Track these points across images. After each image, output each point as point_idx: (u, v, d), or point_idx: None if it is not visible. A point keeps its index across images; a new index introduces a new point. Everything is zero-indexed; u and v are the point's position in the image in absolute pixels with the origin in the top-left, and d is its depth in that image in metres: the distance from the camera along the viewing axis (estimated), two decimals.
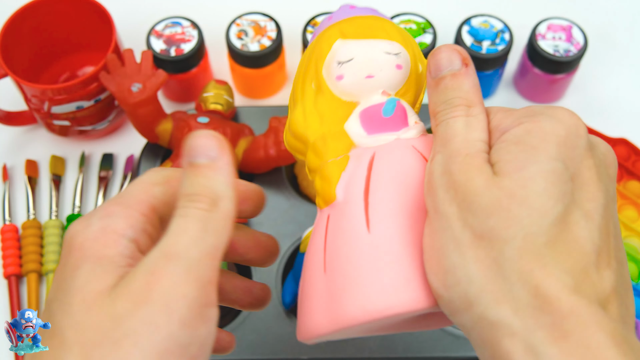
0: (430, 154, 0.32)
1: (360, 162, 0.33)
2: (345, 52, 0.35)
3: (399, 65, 0.35)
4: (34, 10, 0.66)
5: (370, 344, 0.56)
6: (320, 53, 0.36)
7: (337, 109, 0.35)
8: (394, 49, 0.35)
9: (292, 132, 0.36)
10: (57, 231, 0.64)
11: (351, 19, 0.36)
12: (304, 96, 0.36)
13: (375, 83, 0.35)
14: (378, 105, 0.34)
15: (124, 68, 0.62)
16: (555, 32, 0.68)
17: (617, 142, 0.68)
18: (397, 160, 0.33)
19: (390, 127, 0.34)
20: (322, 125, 0.35)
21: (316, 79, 0.36)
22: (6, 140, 0.71)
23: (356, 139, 0.34)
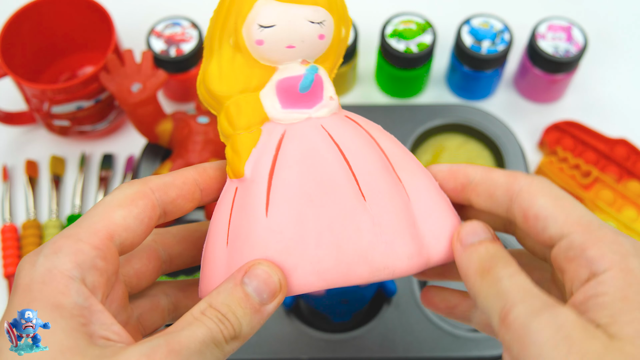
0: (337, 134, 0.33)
1: (270, 140, 0.33)
2: (268, 16, 0.34)
3: (322, 35, 0.35)
4: (34, 10, 0.66)
5: (370, 344, 0.56)
6: (241, 9, 0.34)
7: (255, 72, 0.34)
8: (318, 17, 0.34)
9: (206, 87, 0.35)
10: (57, 231, 0.64)
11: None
12: (221, 50, 0.35)
13: (295, 53, 0.34)
14: (295, 78, 0.34)
15: (124, 68, 0.62)
16: (555, 32, 0.68)
17: (617, 142, 0.68)
18: (304, 143, 0.33)
19: (304, 103, 0.34)
20: (238, 86, 0.34)
21: (235, 36, 0.35)
22: (6, 140, 0.71)
23: (270, 112, 0.34)
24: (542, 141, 0.69)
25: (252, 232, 0.32)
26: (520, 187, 0.32)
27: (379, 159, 0.34)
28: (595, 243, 0.29)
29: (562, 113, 0.72)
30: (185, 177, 0.34)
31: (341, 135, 0.34)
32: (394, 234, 0.32)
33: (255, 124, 0.34)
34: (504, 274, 0.30)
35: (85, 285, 0.29)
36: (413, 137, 0.66)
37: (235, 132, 0.34)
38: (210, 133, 0.61)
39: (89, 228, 0.31)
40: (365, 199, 0.32)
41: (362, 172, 0.33)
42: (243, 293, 0.31)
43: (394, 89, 0.73)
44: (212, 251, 0.34)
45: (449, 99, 0.74)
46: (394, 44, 0.67)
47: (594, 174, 0.66)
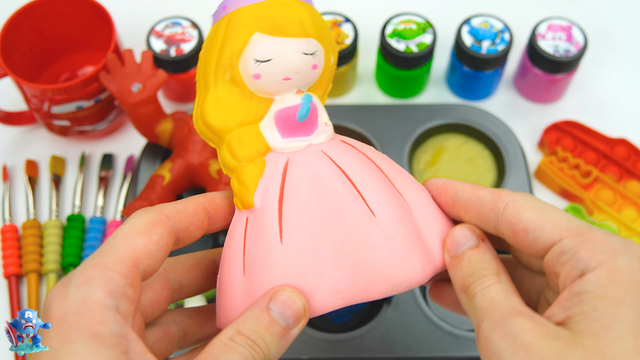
0: (338, 157, 0.35)
1: (275, 169, 0.35)
2: (264, 50, 0.35)
3: (315, 65, 0.36)
4: (34, 10, 0.66)
5: (370, 344, 0.56)
6: (236, 45, 0.35)
7: (252, 105, 0.36)
8: (310, 48, 0.36)
9: (204, 122, 0.36)
10: (57, 231, 0.64)
11: (268, 5, 0.36)
12: (217, 84, 0.36)
13: (291, 84, 0.36)
14: (293, 108, 0.36)
15: (124, 68, 0.62)
16: (555, 32, 0.68)
17: (617, 142, 0.68)
18: (308, 169, 0.35)
19: (303, 131, 0.36)
20: (236, 119, 0.36)
21: (231, 71, 0.36)
22: (6, 140, 0.71)
23: (271, 142, 0.36)
24: (542, 141, 0.69)
25: (269, 259, 0.33)
26: (505, 204, 0.33)
27: (379, 177, 0.35)
28: (586, 244, 0.30)
29: (562, 113, 0.72)
30: (196, 204, 0.35)
31: (342, 158, 0.35)
32: (406, 247, 0.33)
33: (259, 155, 0.35)
34: (478, 289, 0.32)
35: (120, 313, 0.30)
36: (413, 137, 0.66)
37: (239, 165, 0.35)
38: None
39: (115, 256, 0.31)
40: (374, 215, 0.33)
41: (367, 190, 0.34)
42: (269, 319, 0.32)
43: (394, 89, 0.73)
44: (228, 280, 0.34)
45: (449, 99, 0.74)
46: (394, 44, 0.67)
47: (594, 174, 0.66)
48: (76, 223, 0.64)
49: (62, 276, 0.63)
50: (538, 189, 0.68)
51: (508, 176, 0.64)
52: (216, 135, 0.36)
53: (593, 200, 0.65)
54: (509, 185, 0.64)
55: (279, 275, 0.33)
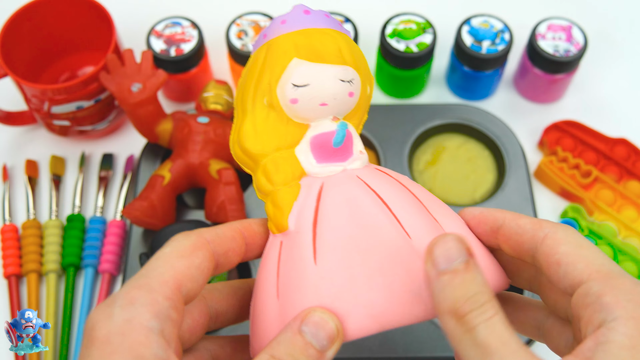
0: (373, 182, 0.34)
1: (310, 192, 0.35)
2: (302, 76, 0.36)
3: (351, 93, 0.37)
4: (34, 10, 0.66)
5: (370, 344, 0.56)
6: (274, 70, 0.36)
7: (289, 130, 0.36)
8: (347, 76, 0.37)
9: (241, 146, 0.37)
10: (57, 231, 0.64)
11: (307, 33, 0.37)
12: (255, 109, 0.37)
13: (327, 110, 0.37)
14: (328, 134, 0.36)
15: (124, 68, 0.62)
16: (555, 32, 0.68)
17: (617, 142, 0.68)
18: (343, 192, 0.35)
19: (338, 157, 0.36)
20: (273, 144, 0.36)
21: (269, 95, 0.36)
22: (6, 140, 0.71)
23: (307, 167, 0.36)
24: (542, 141, 0.69)
25: (302, 281, 0.33)
26: (545, 234, 0.32)
27: (414, 201, 0.35)
28: (611, 290, 0.29)
29: (562, 113, 0.72)
30: (234, 230, 0.35)
31: (376, 183, 0.35)
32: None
33: (294, 179, 0.36)
34: (479, 320, 0.29)
35: (164, 337, 0.29)
36: (413, 137, 0.66)
37: (274, 188, 0.36)
38: (210, 133, 0.61)
39: (158, 278, 0.31)
40: (410, 237, 0.33)
41: (402, 213, 0.34)
42: (303, 341, 0.31)
43: (394, 89, 0.73)
44: (262, 305, 0.34)
45: (449, 99, 0.74)
46: (394, 44, 0.67)
47: (594, 174, 0.66)
48: (76, 223, 0.64)
49: (62, 276, 0.63)
50: (538, 189, 0.68)
51: (508, 176, 0.64)
52: (252, 160, 0.37)
53: (593, 200, 0.65)
54: (509, 185, 0.64)
55: (312, 297, 0.32)
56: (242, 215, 0.58)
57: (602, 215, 0.65)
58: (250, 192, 0.63)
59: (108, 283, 0.62)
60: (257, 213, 0.62)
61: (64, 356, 0.59)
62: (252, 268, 0.59)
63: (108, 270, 0.62)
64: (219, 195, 0.58)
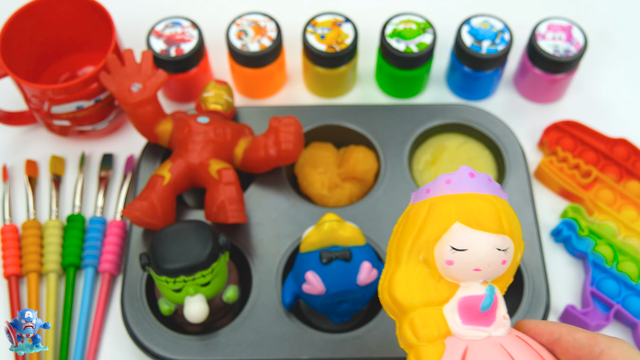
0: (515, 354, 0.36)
1: (454, 354, 0.36)
2: (461, 241, 0.38)
3: (505, 261, 0.39)
4: (34, 10, 0.66)
5: (370, 344, 0.56)
6: (435, 230, 0.39)
7: (439, 288, 0.39)
8: (504, 245, 0.39)
9: (390, 294, 0.39)
10: (57, 231, 0.64)
11: (470, 198, 0.39)
12: (410, 262, 0.39)
13: (480, 275, 0.39)
14: (477, 297, 0.38)
15: (124, 68, 0.62)
16: (555, 32, 0.68)
17: (617, 142, 0.68)
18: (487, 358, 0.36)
19: (483, 321, 0.38)
20: (422, 299, 0.38)
21: (426, 253, 0.39)
22: (6, 140, 0.71)
23: (452, 327, 0.38)
24: (542, 141, 0.69)
25: None
26: (600, 350, 0.35)
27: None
28: None
29: (562, 113, 0.72)
30: None
31: (518, 355, 0.36)
32: None
33: (439, 338, 0.37)
34: None
35: None
36: (413, 137, 0.66)
37: (419, 343, 0.37)
38: (210, 133, 0.61)
39: None
40: None
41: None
42: None
43: (394, 89, 0.73)
44: None
45: (449, 99, 0.74)
46: (394, 44, 0.67)
47: (594, 174, 0.66)
48: (76, 223, 0.64)
49: (62, 276, 0.64)
50: (538, 189, 0.68)
51: (508, 176, 0.64)
52: (400, 310, 0.39)
53: (593, 200, 0.65)
54: (509, 185, 0.64)
55: None
56: (242, 215, 0.58)
57: (602, 215, 0.65)
58: (250, 192, 0.63)
59: (108, 283, 0.62)
60: (257, 213, 0.62)
61: (64, 356, 0.59)
62: (252, 268, 0.59)
63: (108, 270, 0.62)
64: (219, 195, 0.58)
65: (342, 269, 0.53)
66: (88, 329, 0.61)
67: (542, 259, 0.60)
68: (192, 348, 0.56)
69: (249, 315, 0.57)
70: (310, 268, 0.54)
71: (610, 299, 0.60)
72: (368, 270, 0.53)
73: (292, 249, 0.60)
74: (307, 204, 0.63)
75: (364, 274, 0.53)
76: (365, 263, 0.53)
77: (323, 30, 0.68)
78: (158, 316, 0.57)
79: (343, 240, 0.54)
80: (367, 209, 0.62)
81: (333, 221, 0.54)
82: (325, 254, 0.53)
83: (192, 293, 0.53)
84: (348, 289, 0.54)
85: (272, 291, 0.58)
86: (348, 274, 0.53)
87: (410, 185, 0.64)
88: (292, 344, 0.56)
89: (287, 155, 0.61)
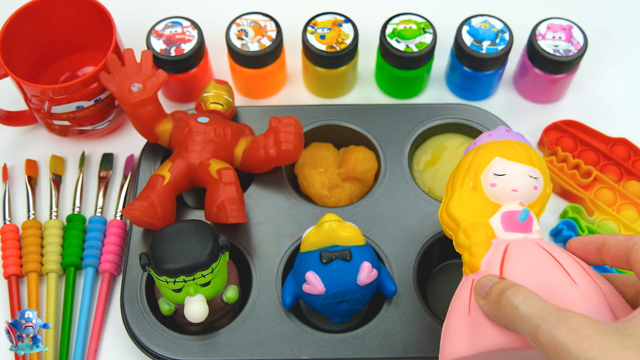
0: (548, 247, 0.45)
1: (498, 248, 0.46)
2: (502, 168, 0.49)
3: (536, 187, 0.49)
4: (34, 10, 0.66)
5: (370, 344, 0.56)
6: (481, 162, 0.50)
7: (486, 206, 0.49)
8: (535, 174, 0.49)
9: (448, 213, 0.50)
10: (57, 231, 0.64)
11: (508, 143, 0.51)
12: (462, 189, 0.50)
13: (516, 196, 0.49)
14: (515, 212, 0.48)
15: (124, 68, 0.62)
16: (555, 32, 0.68)
17: (617, 142, 0.68)
18: (525, 248, 0.45)
19: (521, 230, 0.47)
20: (473, 215, 0.49)
21: (474, 180, 0.50)
22: (6, 140, 0.71)
23: (497, 232, 0.47)
24: (542, 141, 0.69)
25: None
26: (634, 242, 0.42)
27: (577, 264, 0.44)
28: None
29: (562, 113, 0.72)
30: None
31: (550, 247, 0.45)
32: (600, 306, 0.41)
33: (487, 238, 0.47)
34: (518, 299, 0.39)
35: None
36: (413, 137, 0.66)
37: (471, 243, 0.47)
38: (211, 133, 0.61)
39: None
40: (575, 282, 0.42)
41: (569, 267, 0.43)
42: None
43: (394, 89, 0.73)
44: (455, 320, 0.45)
45: (449, 99, 0.74)
46: (394, 44, 0.67)
47: (594, 174, 0.66)
48: (76, 223, 0.64)
49: (62, 276, 0.64)
50: None
51: None
52: (455, 224, 0.49)
53: (593, 200, 0.65)
54: None
55: None
56: (242, 215, 0.58)
57: (602, 215, 0.65)
58: (250, 192, 0.63)
59: (108, 283, 0.62)
60: (257, 213, 0.62)
61: (64, 356, 0.59)
62: (252, 268, 0.59)
63: (108, 270, 0.62)
64: (219, 195, 0.58)
65: (342, 268, 0.53)
66: (88, 329, 0.61)
67: None
68: (192, 348, 0.56)
69: (249, 315, 0.57)
70: (310, 268, 0.54)
71: None
72: (368, 270, 0.53)
73: (292, 249, 0.60)
74: (307, 204, 0.63)
75: (364, 274, 0.53)
76: (365, 263, 0.53)
77: (323, 30, 0.68)
78: (158, 316, 0.57)
79: (343, 240, 0.54)
80: (367, 209, 0.62)
81: (333, 221, 0.54)
82: (325, 254, 0.53)
83: (192, 293, 0.53)
84: (348, 289, 0.54)
85: (272, 291, 0.58)
86: (348, 274, 0.53)
87: (410, 185, 0.64)
88: (292, 344, 0.56)
89: (287, 155, 0.61)
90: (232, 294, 0.56)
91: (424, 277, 0.61)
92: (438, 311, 0.59)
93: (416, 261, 0.60)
